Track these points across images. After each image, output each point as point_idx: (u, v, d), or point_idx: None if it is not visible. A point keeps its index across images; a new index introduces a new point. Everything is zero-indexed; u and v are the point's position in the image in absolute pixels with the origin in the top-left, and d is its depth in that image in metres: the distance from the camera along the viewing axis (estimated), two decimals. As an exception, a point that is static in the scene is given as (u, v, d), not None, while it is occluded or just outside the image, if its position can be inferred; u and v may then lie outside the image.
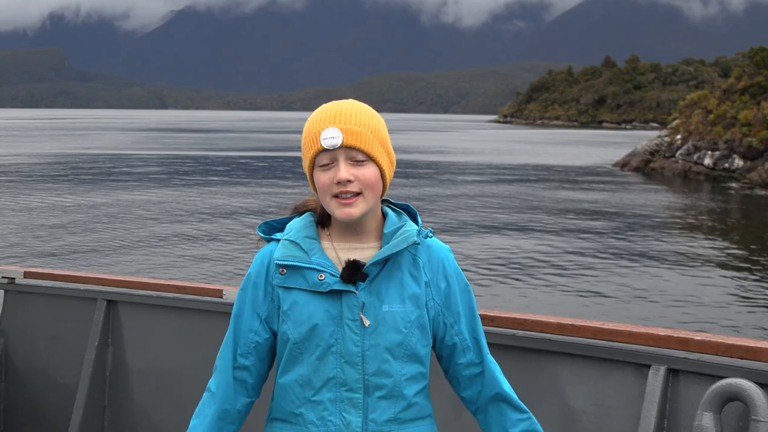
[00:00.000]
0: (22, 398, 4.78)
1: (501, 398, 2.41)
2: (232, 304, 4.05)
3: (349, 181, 2.21)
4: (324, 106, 2.31)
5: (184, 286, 4.21)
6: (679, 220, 27.30)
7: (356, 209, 2.24)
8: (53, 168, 45.10)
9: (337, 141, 2.20)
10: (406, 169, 45.57)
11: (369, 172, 2.24)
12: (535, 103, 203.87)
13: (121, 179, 38.35)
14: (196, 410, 2.39)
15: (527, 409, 2.44)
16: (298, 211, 2.43)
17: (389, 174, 2.31)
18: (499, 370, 2.44)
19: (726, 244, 22.58)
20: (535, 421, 2.43)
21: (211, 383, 2.37)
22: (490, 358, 2.43)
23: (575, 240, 21.78)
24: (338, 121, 2.22)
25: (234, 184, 36.82)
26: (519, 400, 2.43)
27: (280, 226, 2.41)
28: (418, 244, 2.31)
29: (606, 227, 24.45)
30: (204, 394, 2.39)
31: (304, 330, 2.26)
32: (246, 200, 30.16)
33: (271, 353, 2.39)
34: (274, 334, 2.36)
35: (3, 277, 4.77)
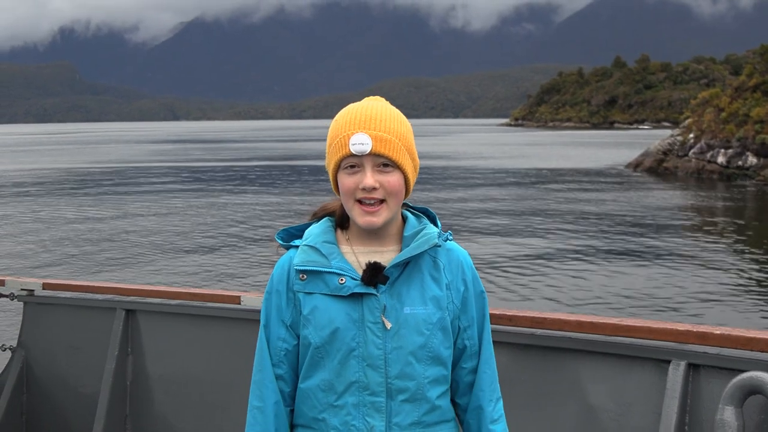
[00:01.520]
0: (44, 409, 4.79)
1: (479, 412, 2.39)
2: (250, 311, 4.09)
3: (374, 188, 2.21)
4: (353, 107, 2.29)
5: (202, 294, 4.21)
6: (694, 218, 27.19)
7: (379, 218, 2.24)
8: (69, 181, 45.26)
9: (367, 148, 2.19)
10: (419, 175, 45.49)
11: (394, 179, 2.23)
12: (546, 105, 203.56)
13: (135, 191, 38.44)
14: (247, 429, 2.36)
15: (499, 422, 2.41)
16: (317, 217, 2.42)
17: (413, 179, 2.31)
18: (491, 383, 2.41)
19: (742, 239, 22.47)
20: None
21: (255, 399, 2.35)
22: (485, 370, 2.40)
23: (591, 241, 21.72)
24: (368, 127, 2.21)
25: (248, 192, 36.87)
26: (496, 417, 2.39)
27: (298, 232, 2.41)
28: (439, 246, 2.31)
29: (621, 227, 24.37)
30: (250, 413, 2.35)
31: (325, 334, 2.24)
32: (260, 208, 30.20)
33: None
34: None
35: (22, 289, 4.78)
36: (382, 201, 2.24)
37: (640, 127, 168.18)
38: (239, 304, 4.03)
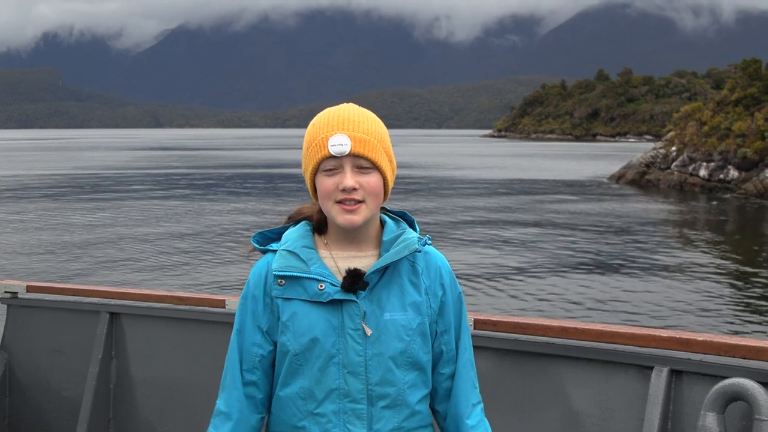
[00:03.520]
0: (27, 413, 4.77)
1: (457, 419, 2.35)
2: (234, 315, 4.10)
3: (354, 189, 2.19)
4: (329, 110, 2.28)
5: (186, 297, 4.21)
6: (676, 230, 27.34)
7: (359, 216, 2.21)
8: (53, 186, 45.08)
9: (346, 148, 2.18)
10: (400, 185, 45.59)
11: (373, 180, 2.22)
12: (529, 117, 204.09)
13: (120, 196, 38.32)
14: None
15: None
16: (294, 220, 2.38)
17: (391, 181, 2.30)
18: (470, 389, 2.36)
19: (724, 251, 22.62)
20: None
21: (221, 404, 2.31)
22: (463, 375, 2.35)
23: (574, 250, 21.79)
24: (346, 128, 2.20)
25: (233, 198, 36.81)
26: (474, 423, 2.34)
27: (275, 236, 2.37)
28: (419, 251, 2.29)
29: (604, 237, 24.46)
30: (213, 418, 2.31)
31: (305, 341, 2.21)
32: (246, 213, 30.19)
33: (274, 366, 2.34)
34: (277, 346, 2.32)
35: (6, 292, 4.77)
36: (361, 202, 2.21)
37: (622, 139, 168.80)
38: (224, 307, 4.02)
